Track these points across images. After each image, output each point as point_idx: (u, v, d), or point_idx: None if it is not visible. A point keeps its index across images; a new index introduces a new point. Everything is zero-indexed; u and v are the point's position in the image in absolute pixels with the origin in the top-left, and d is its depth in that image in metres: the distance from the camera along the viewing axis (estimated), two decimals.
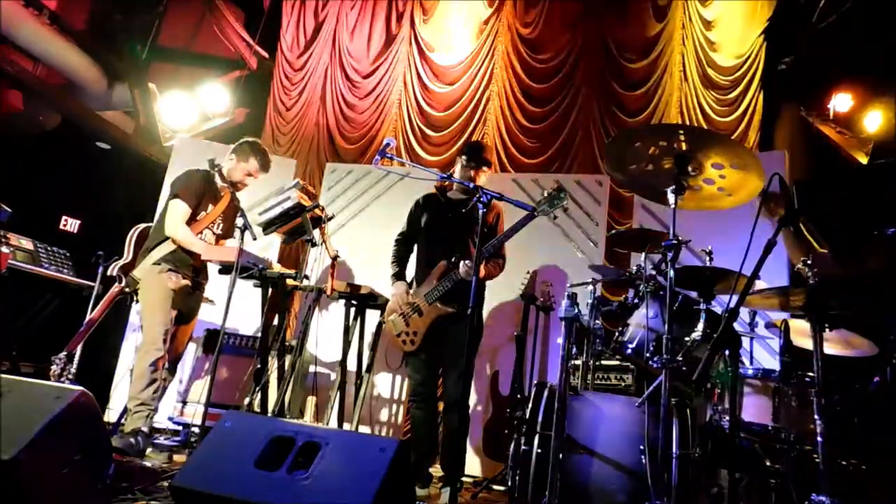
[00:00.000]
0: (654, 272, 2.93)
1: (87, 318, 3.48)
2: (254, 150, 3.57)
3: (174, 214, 3.36)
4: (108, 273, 3.48)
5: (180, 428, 4.12)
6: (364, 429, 4.50)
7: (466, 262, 3.24)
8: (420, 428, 3.38)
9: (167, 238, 3.38)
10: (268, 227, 3.40)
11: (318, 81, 6.40)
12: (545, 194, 3.16)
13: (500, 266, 3.50)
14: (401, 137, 5.93)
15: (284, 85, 6.47)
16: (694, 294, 2.63)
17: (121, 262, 3.46)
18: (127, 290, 3.42)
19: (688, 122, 5.04)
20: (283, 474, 1.79)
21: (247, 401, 3.52)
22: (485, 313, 4.58)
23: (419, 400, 3.37)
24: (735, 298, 1.92)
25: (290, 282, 3.66)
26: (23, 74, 5.17)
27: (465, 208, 3.39)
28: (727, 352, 2.27)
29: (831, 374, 2.04)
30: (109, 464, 2.20)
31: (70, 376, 3.33)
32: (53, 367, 3.24)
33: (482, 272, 3.33)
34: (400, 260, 3.58)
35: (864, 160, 4.64)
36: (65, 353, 3.29)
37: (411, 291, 3.41)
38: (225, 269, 3.72)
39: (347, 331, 3.95)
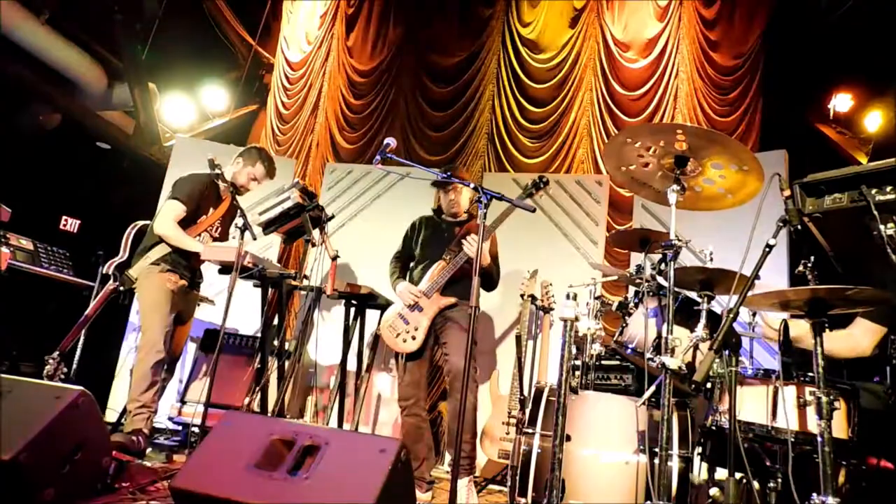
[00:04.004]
0: (654, 272, 2.93)
1: (84, 315, 3.47)
2: (262, 157, 3.61)
3: (167, 213, 3.38)
4: (104, 271, 3.48)
5: (180, 428, 4.12)
6: (364, 429, 4.50)
7: (468, 240, 3.26)
8: (413, 436, 3.37)
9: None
10: (268, 227, 3.40)
11: (318, 81, 6.40)
12: (526, 184, 3.24)
13: (497, 271, 3.53)
14: (401, 137, 5.93)
15: (284, 85, 6.47)
16: (694, 294, 2.62)
17: (116, 261, 3.46)
18: (121, 288, 3.41)
19: (688, 122, 5.04)
20: (283, 475, 1.79)
21: (247, 401, 3.52)
22: (484, 312, 4.60)
23: (410, 405, 3.38)
24: (735, 298, 1.92)
25: (290, 282, 3.66)
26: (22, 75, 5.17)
27: (462, 225, 3.45)
28: (727, 352, 2.27)
29: (831, 373, 2.04)
30: (109, 464, 2.20)
31: (63, 376, 3.32)
32: (47, 368, 3.23)
33: (489, 261, 3.42)
34: (401, 269, 3.65)
35: (864, 160, 4.64)
36: (58, 352, 3.28)
37: None
38: (225, 269, 3.72)
39: (347, 331, 3.95)
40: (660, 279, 2.70)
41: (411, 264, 3.62)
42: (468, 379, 2.21)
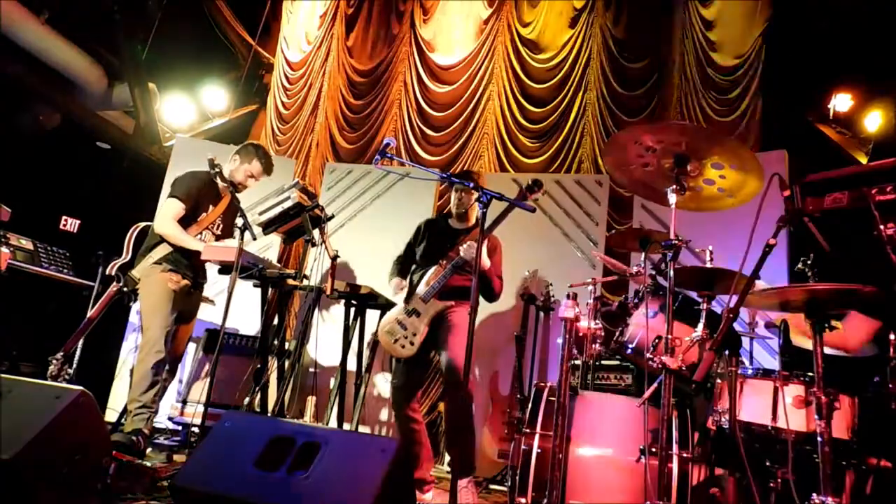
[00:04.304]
0: (654, 272, 2.93)
1: (86, 317, 3.47)
2: (258, 153, 3.59)
3: (165, 212, 3.38)
4: (107, 272, 3.48)
5: (180, 428, 4.12)
6: (364, 429, 4.50)
7: (466, 245, 3.23)
8: (409, 437, 3.36)
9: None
10: (268, 227, 3.40)
11: (318, 81, 6.40)
12: (523, 185, 3.16)
13: (500, 280, 3.50)
14: (401, 137, 5.93)
15: (284, 85, 6.48)
16: (694, 294, 2.62)
17: (119, 262, 3.45)
18: (125, 289, 3.41)
19: (688, 122, 5.04)
20: (283, 474, 1.79)
21: (247, 401, 3.52)
22: (484, 312, 4.60)
23: (402, 409, 3.36)
24: (735, 298, 1.92)
25: (290, 282, 3.66)
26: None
27: (465, 234, 3.41)
28: (727, 352, 2.27)
29: (831, 373, 2.04)
30: (109, 464, 2.20)
31: (67, 376, 3.32)
32: (51, 368, 3.22)
33: (489, 266, 3.35)
34: (398, 274, 3.60)
35: (864, 160, 4.64)
36: (62, 353, 3.28)
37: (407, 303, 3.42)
38: (225, 269, 3.72)
39: (347, 331, 3.95)
40: (660, 279, 2.71)
41: (413, 268, 3.60)
42: (468, 379, 2.21)
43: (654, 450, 2.16)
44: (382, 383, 4.81)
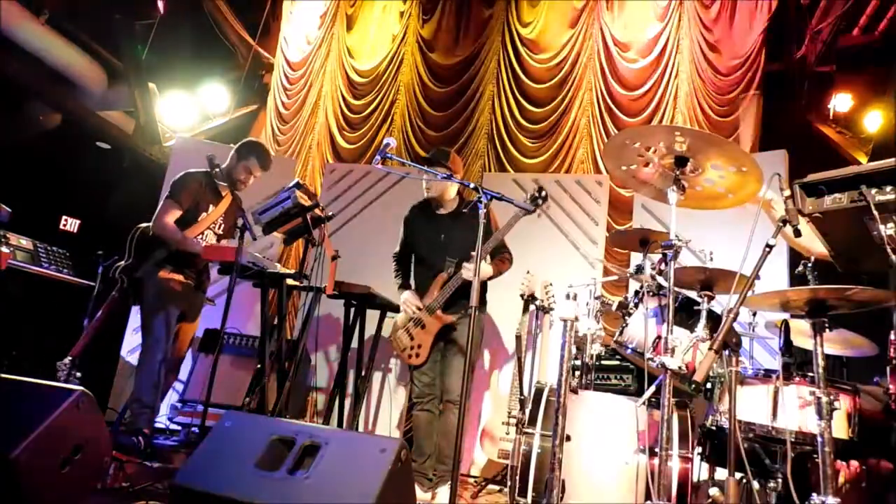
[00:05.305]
0: (654, 272, 2.93)
1: (91, 322, 3.46)
2: (255, 149, 3.60)
3: (161, 213, 3.39)
4: (111, 275, 3.48)
5: (180, 428, 4.12)
6: (364, 429, 4.50)
7: (467, 264, 3.28)
8: (423, 430, 3.38)
9: None
10: (268, 227, 3.40)
11: (318, 81, 6.40)
12: (529, 196, 3.21)
13: (508, 260, 3.56)
14: (401, 137, 5.93)
15: (284, 85, 6.48)
16: (694, 294, 2.62)
17: (122, 264, 3.46)
18: (129, 291, 3.42)
19: (688, 122, 5.04)
20: (283, 474, 1.79)
21: (247, 401, 3.52)
22: (487, 313, 4.59)
23: (423, 402, 3.39)
24: (735, 298, 1.92)
25: (290, 282, 3.66)
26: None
27: (456, 216, 3.45)
28: (727, 352, 2.27)
29: (832, 373, 2.04)
30: (109, 464, 2.20)
31: (76, 381, 3.31)
32: (59, 374, 3.22)
33: (493, 270, 3.43)
34: (403, 273, 3.64)
35: (864, 160, 4.63)
36: (69, 358, 3.27)
37: None
38: (225, 268, 3.72)
39: (347, 331, 3.95)
40: (660, 279, 2.70)
41: (412, 265, 3.61)
42: (466, 400, 2.22)
43: (654, 450, 2.16)
44: (382, 383, 4.81)
